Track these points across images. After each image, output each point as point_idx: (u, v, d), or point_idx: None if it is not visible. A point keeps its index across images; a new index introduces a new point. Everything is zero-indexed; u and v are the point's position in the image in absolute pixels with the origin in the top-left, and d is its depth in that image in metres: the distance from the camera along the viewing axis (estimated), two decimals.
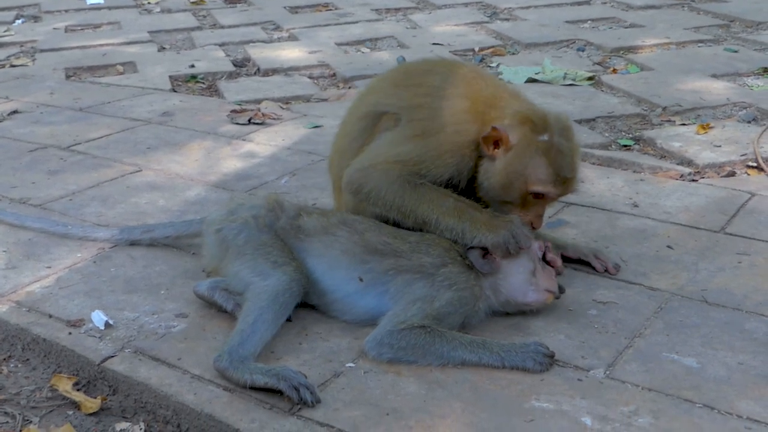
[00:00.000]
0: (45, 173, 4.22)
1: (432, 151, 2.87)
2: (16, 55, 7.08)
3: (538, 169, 2.79)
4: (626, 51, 6.69)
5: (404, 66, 3.27)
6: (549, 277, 2.80)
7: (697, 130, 4.73)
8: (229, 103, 5.52)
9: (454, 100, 2.93)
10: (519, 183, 2.81)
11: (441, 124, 2.89)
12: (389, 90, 3.11)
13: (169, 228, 3.37)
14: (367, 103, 3.14)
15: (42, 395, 2.64)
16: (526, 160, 2.78)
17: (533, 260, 2.79)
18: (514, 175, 2.80)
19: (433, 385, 2.48)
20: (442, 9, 8.56)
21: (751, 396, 2.42)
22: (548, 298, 2.80)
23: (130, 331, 2.79)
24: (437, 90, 2.98)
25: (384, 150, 2.94)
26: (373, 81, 3.35)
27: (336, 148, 3.26)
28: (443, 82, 3.00)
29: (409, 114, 2.97)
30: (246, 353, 2.52)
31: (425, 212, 2.84)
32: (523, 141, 2.79)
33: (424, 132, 2.90)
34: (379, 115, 3.03)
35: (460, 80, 3.01)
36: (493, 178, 2.85)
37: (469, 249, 2.75)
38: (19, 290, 3.07)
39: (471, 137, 2.88)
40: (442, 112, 2.91)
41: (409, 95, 3.01)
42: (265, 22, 8.13)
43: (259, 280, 2.74)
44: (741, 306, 2.90)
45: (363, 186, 2.91)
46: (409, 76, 3.16)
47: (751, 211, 3.64)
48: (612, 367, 2.56)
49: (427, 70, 3.13)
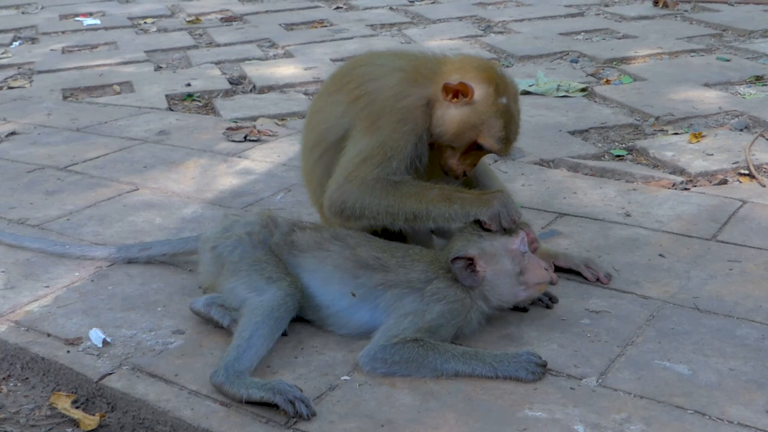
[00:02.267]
0: (43, 194, 4.26)
1: (386, 130, 2.93)
2: (13, 77, 7.13)
3: (492, 127, 2.95)
4: (619, 62, 6.73)
5: (331, 75, 3.36)
6: (536, 267, 2.79)
7: (689, 139, 4.77)
8: (225, 120, 5.56)
9: (387, 77, 3.02)
10: (471, 133, 2.95)
11: (384, 103, 2.96)
12: (324, 104, 3.18)
13: (166, 246, 3.40)
14: (315, 129, 3.19)
15: (41, 413, 2.67)
16: (484, 117, 2.93)
17: (516, 260, 2.78)
18: (468, 126, 2.94)
19: (427, 397, 2.51)
20: (436, 23, 8.62)
21: (742, 401, 2.44)
22: (541, 288, 2.81)
23: (128, 348, 2.82)
24: (366, 76, 3.06)
25: (348, 158, 2.97)
26: (311, 103, 3.46)
27: (304, 172, 3.34)
28: (373, 68, 3.10)
29: (351, 111, 3.02)
30: (242, 368, 2.55)
31: (413, 206, 2.89)
32: (485, 99, 2.93)
33: (372, 119, 2.96)
34: (333, 142, 3.08)
35: (387, 58, 3.16)
36: (447, 124, 2.95)
37: (453, 260, 2.75)
38: (18, 310, 3.10)
39: (416, 101, 2.96)
40: (379, 94, 2.98)
41: (345, 94, 3.07)
42: (261, 39, 8.18)
43: (255, 296, 2.77)
44: (732, 313, 2.93)
45: (345, 203, 2.93)
46: (337, 80, 3.22)
47: (742, 218, 3.68)
48: (604, 375, 2.59)
49: (350, 68, 3.24)
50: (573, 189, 4.09)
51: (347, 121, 3.03)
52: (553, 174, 4.32)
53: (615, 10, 8.87)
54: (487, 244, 2.79)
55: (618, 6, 9.11)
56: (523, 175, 4.29)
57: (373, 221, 2.94)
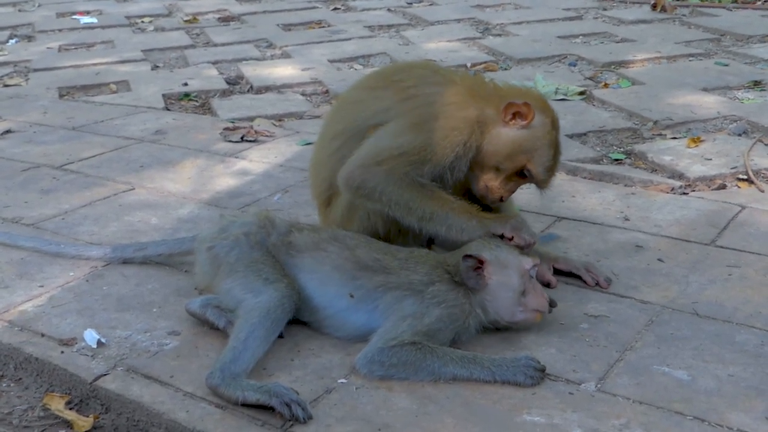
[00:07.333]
0: (38, 192, 4.23)
1: (436, 134, 2.92)
2: (9, 75, 7.10)
3: (543, 156, 2.99)
4: (617, 65, 6.73)
5: (374, 73, 3.36)
6: (539, 295, 2.79)
7: (687, 144, 4.76)
8: (222, 120, 5.54)
9: (445, 86, 3.03)
10: (522, 158, 2.98)
11: (440, 108, 2.96)
12: (365, 96, 3.16)
13: (162, 246, 3.37)
14: (345, 119, 3.17)
15: (34, 414, 2.64)
16: (538, 144, 2.97)
17: (523, 279, 2.77)
18: (522, 150, 2.97)
19: (425, 401, 2.49)
20: (434, 25, 8.61)
21: (741, 408, 2.43)
22: (537, 317, 2.80)
23: (123, 349, 2.80)
24: (423, 80, 3.07)
25: (384, 144, 2.96)
26: (343, 95, 3.45)
27: (314, 163, 3.31)
28: (430, 74, 3.11)
29: (399, 108, 3.01)
30: (238, 370, 2.53)
31: (434, 208, 2.90)
32: (541, 127, 2.99)
33: (422, 119, 2.95)
34: (363, 130, 3.06)
35: (440, 70, 3.19)
36: (501, 144, 2.96)
37: (465, 257, 2.73)
38: (12, 309, 3.07)
39: (473, 116, 2.96)
40: (437, 97, 2.99)
41: (393, 92, 3.06)
42: (258, 39, 8.16)
43: (251, 297, 2.75)
44: (731, 318, 2.91)
45: (365, 183, 2.92)
46: (384, 77, 3.22)
47: (741, 223, 3.66)
48: (603, 380, 2.57)
49: (400, 69, 3.26)
50: (572, 192, 4.08)
51: (390, 116, 3.02)
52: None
53: (613, 13, 8.87)
54: (502, 255, 2.79)
55: (616, 10, 9.12)
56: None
57: (386, 209, 2.94)
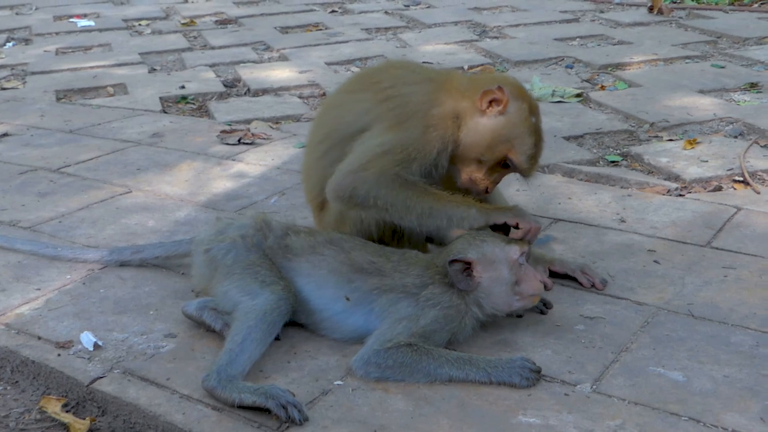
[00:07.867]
0: (35, 195, 4.24)
1: (414, 131, 2.92)
2: (6, 78, 7.10)
3: (524, 144, 2.97)
4: (614, 68, 6.73)
5: (354, 75, 3.39)
6: (533, 279, 2.77)
7: (684, 146, 4.77)
8: (219, 123, 5.55)
9: (421, 84, 3.04)
10: (503, 147, 2.96)
11: (416, 107, 2.97)
12: (346, 99, 3.18)
13: (159, 248, 3.38)
14: (329, 123, 3.19)
15: (31, 417, 2.64)
16: (516, 132, 2.95)
17: (513, 270, 2.76)
18: (501, 138, 2.95)
19: (421, 402, 2.49)
20: (431, 28, 8.61)
21: (736, 409, 2.43)
22: (534, 300, 2.80)
23: (119, 351, 2.80)
24: (399, 80, 3.07)
25: (367, 148, 2.96)
26: (327, 99, 3.47)
27: (305, 167, 3.33)
28: (406, 73, 3.13)
29: (378, 109, 3.02)
30: (234, 372, 2.53)
31: (431, 203, 2.89)
32: (518, 113, 2.96)
33: (400, 119, 2.96)
34: (346, 134, 3.07)
35: (420, 67, 3.21)
36: (480, 134, 2.95)
37: (451, 262, 2.73)
38: (8, 312, 3.07)
39: (449, 110, 2.97)
40: (412, 97, 2.99)
41: (372, 94, 3.07)
42: (256, 42, 8.17)
43: (248, 300, 2.75)
44: (727, 319, 2.92)
45: (356, 190, 2.90)
46: (363, 80, 3.25)
47: (737, 225, 3.67)
48: (599, 381, 2.58)
49: (378, 70, 3.26)
50: (568, 194, 4.08)
51: (370, 118, 3.03)
52: (547, 179, 4.31)
53: (610, 16, 8.88)
54: (488, 250, 2.77)
55: (613, 12, 9.12)
56: (517, 180, 4.26)
57: (382, 213, 2.92)
